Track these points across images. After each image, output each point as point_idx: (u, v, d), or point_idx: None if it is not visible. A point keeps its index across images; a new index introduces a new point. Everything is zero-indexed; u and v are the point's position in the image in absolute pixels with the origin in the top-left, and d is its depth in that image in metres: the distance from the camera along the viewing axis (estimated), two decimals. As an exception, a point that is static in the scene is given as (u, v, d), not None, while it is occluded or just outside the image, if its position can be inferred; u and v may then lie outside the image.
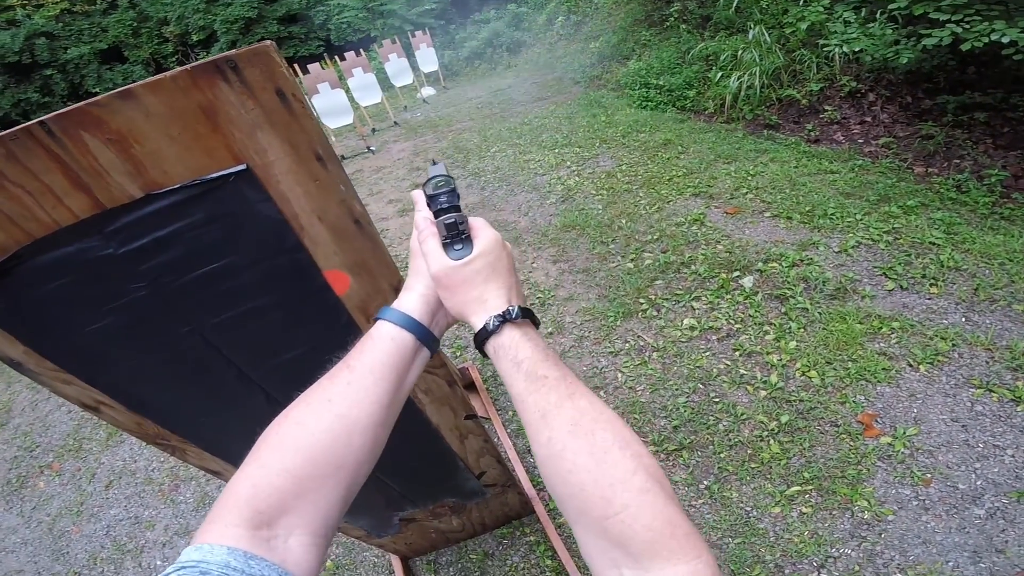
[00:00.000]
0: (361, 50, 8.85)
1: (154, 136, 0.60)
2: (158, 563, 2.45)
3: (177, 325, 0.79)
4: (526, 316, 0.58)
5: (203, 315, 0.79)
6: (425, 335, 0.60)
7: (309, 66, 7.53)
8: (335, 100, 7.38)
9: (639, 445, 0.48)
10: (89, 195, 0.62)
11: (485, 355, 0.59)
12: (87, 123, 0.57)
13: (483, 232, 0.62)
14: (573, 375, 0.54)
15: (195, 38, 16.63)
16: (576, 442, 0.48)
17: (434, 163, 0.67)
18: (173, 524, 2.60)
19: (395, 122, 8.58)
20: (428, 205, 0.64)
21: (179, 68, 0.58)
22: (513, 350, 0.55)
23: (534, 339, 0.56)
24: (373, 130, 8.52)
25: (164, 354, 0.82)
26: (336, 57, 8.98)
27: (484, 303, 0.58)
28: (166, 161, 0.62)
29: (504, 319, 0.56)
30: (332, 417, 0.51)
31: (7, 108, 16.29)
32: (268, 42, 0.60)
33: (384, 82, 9.51)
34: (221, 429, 1.00)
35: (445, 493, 1.64)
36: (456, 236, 0.60)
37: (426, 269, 0.61)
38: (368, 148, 7.48)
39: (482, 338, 0.57)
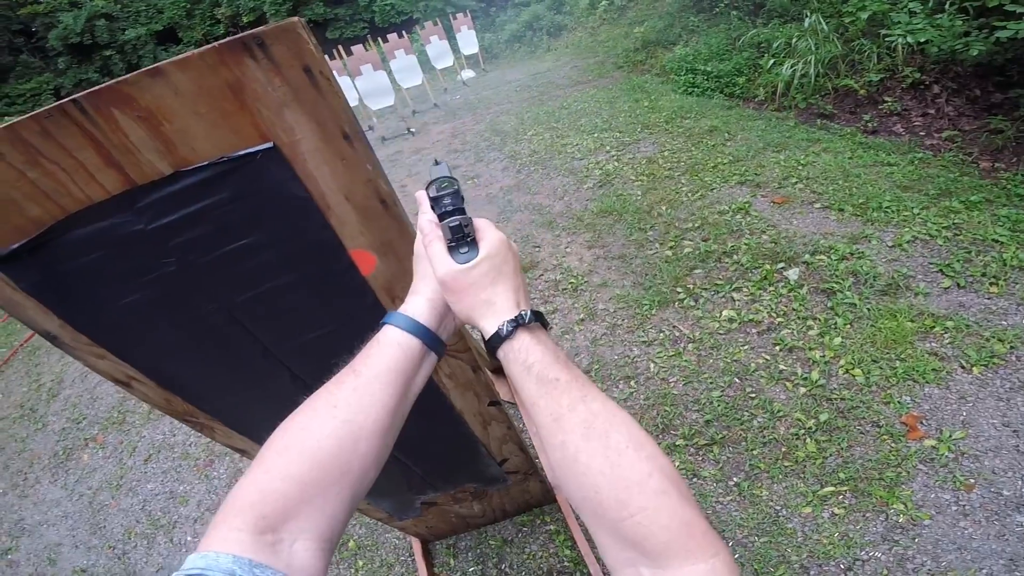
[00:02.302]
0: (404, 32, 8.90)
1: (182, 113, 0.60)
2: (189, 539, 2.53)
3: (205, 301, 0.80)
4: (537, 319, 0.57)
5: (230, 292, 0.80)
6: (432, 340, 0.60)
7: (353, 48, 7.63)
8: (377, 82, 7.47)
9: (653, 446, 0.47)
10: (120, 172, 0.63)
11: (495, 359, 0.58)
12: (118, 100, 0.57)
13: (488, 233, 0.60)
14: (585, 377, 0.53)
15: (245, 19, 17.00)
16: (590, 445, 0.47)
17: (436, 163, 0.65)
18: (206, 500, 2.69)
19: (435, 104, 8.61)
20: (432, 207, 0.62)
21: (207, 46, 0.57)
22: (524, 354, 0.54)
23: (544, 342, 0.55)
24: (413, 112, 8.56)
25: (192, 330, 0.83)
26: (379, 39, 9.03)
27: (492, 306, 0.57)
28: (194, 139, 0.63)
29: (517, 324, 0.55)
30: (338, 423, 0.51)
31: (69, 87, 17.08)
32: (296, 18, 0.59)
33: (425, 64, 9.53)
34: (247, 407, 1.02)
35: (467, 478, 1.65)
36: (462, 239, 0.59)
37: (432, 273, 0.60)
38: (408, 130, 7.53)
39: (494, 344, 0.56)
